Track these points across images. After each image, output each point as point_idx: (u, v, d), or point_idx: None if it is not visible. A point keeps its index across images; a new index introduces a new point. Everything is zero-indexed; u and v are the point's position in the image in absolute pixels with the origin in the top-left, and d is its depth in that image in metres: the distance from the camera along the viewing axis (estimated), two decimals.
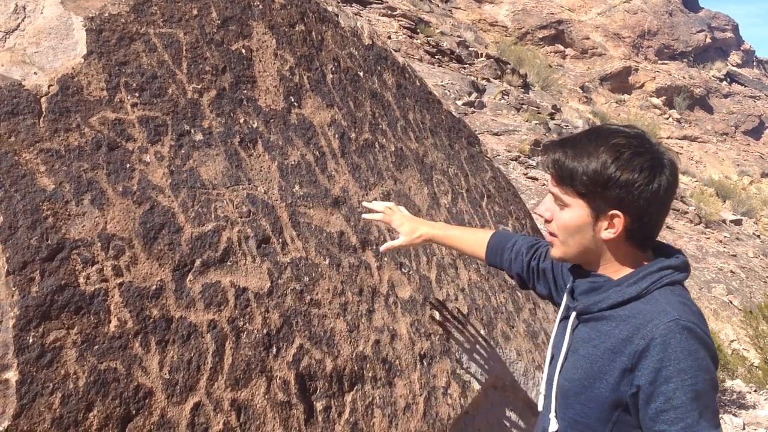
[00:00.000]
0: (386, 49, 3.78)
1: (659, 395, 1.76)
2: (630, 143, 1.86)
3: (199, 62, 2.66)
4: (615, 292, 1.91)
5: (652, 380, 1.77)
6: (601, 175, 1.85)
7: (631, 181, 1.83)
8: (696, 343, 1.77)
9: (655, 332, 1.78)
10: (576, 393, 1.95)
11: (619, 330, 1.86)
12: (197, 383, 2.16)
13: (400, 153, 3.47)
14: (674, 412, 1.75)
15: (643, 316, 1.83)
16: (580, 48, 39.25)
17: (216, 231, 2.38)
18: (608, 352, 1.87)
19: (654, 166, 1.84)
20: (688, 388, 1.75)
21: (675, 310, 1.81)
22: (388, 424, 2.71)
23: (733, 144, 39.94)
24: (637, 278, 1.90)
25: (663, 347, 1.77)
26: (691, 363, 1.75)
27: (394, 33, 24.56)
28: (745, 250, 21.15)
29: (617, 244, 1.93)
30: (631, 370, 1.82)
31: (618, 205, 1.86)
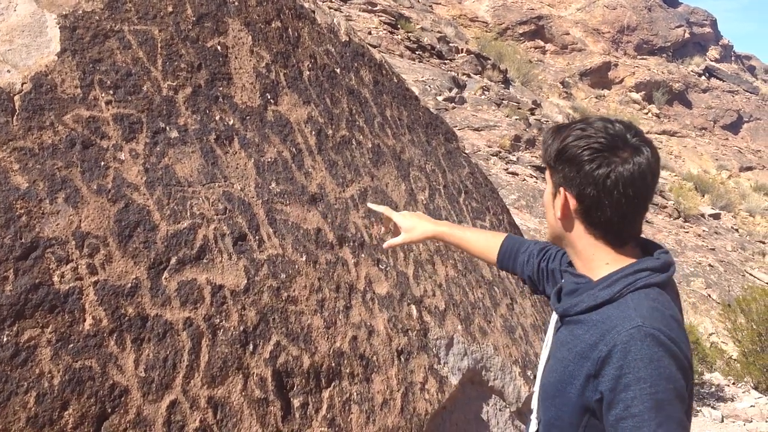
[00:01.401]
0: (363, 46, 3.78)
1: (619, 402, 1.72)
2: (600, 126, 1.85)
3: (174, 59, 2.65)
4: (588, 295, 1.88)
5: (613, 387, 1.73)
6: (557, 149, 1.87)
7: (575, 157, 1.83)
8: (660, 350, 1.73)
9: (617, 339, 1.74)
10: (552, 396, 1.94)
11: (589, 335, 1.83)
12: (173, 381, 2.16)
13: (377, 149, 3.48)
14: (632, 420, 1.70)
15: (610, 321, 1.80)
16: (560, 43, 39.39)
17: (192, 228, 2.38)
18: (578, 356, 1.84)
19: (607, 150, 1.81)
20: (646, 396, 1.70)
21: (640, 316, 1.77)
22: (366, 419, 2.72)
23: (712, 138, 40.24)
24: (610, 281, 1.86)
25: (623, 354, 1.73)
26: (652, 371, 1.71)
27: (375, 29, 24.53)
28: (724, 244, 21.33)
29: (572, 228, 1.92)
30: (595, 376, 1.78)
31: (564, 181, 1.87)
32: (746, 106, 43.62)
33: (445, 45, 27.42)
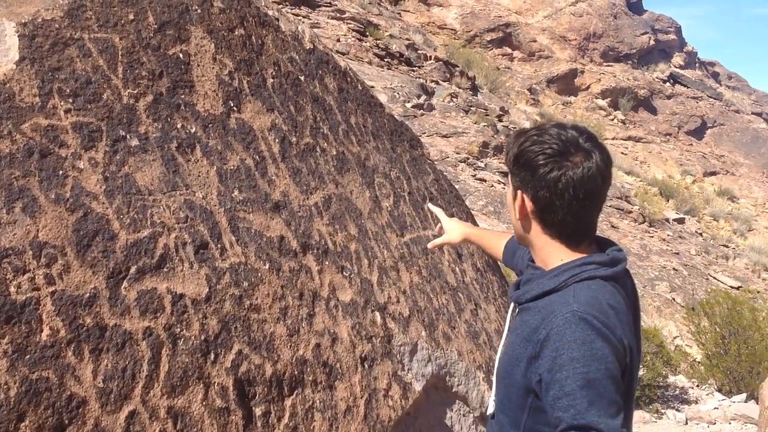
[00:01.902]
0: (328, 53, 3.78)
1: (555, 383, 1.81)
2: (556, 134, 1.95)
3: (135, 67, 2.64)
4: (537, 284, 2.01)
5: (549, 368, 1.82)
6: (515, 154, 2.00)
7: (530, 162, 1.94)
8: (592, 333, 1.82)
9: (555, 323, 1.85)
10: (503, 378, 2.06)
11: (533, 320, 1.94)
12: (132, 391, 2.15)
13: (341, 157, 3.48)
14: (566, 399, 1.78)
15: (551, 307, 1.91)
16: (528, 51, 39.70)
17: (152, 237, 2.37)
18: (523, 340, 1.96)
19: (559, 155, 1.92)
20: (578, 376, 1.78)
21: (577, 302, 1.87)
22: (329, 427, 2.72)
23: (676, 144, 40.77)
24: (558, 272, 1.98)
25: (559, 337, 1.83)
26: (584, 352, 1.79)
27: (343, 36, 24.56)
28: (688, 248, 21.60)
29: (530, 227, 2.04)
30: (536, 358, 1.89)
31: (521, 184, 1.98)
32: (710, 111, 44.28)
33: (413, 52, 27.52)
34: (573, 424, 1.76)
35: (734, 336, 12.15)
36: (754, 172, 41.24)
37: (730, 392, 11.72)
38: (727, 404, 11.09)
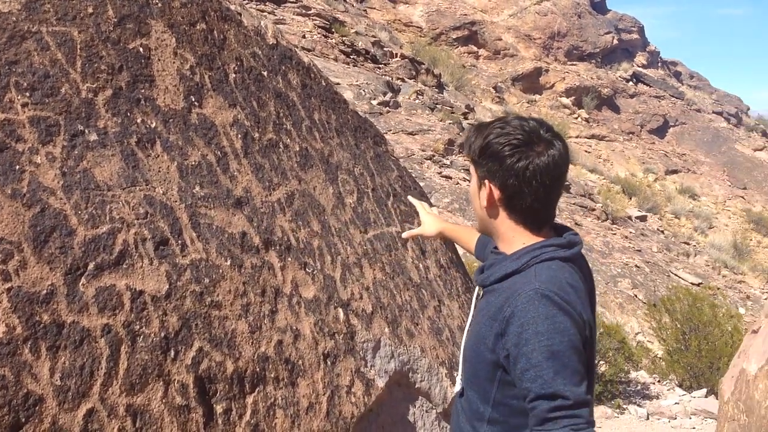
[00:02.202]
0: (291, 49, 3.77)
1: (522, 356, 1.95)
2: (517, 124, 2.11)
3: (94, 61, 2.60)
4: (500, 267, 2.15)
5: (516, 343, 1.96)
6: (479, 146, 2.13)
7: (497, 153, 2.08)
8: (553, 308, 1.96)
9: (518, 301, 1.99)
10: (470, 356, 2.20)
11: (498, 300, 2.09)
12: (90, 389, 2.12)
13: (305, 153, 3.47)
14: (533, 370, 1.92)
15: (515, 287, 2.05)
16: (493, 49, 39.89)
17: (111, 233, 2.34)
18: (489, 319, 2.09)
19: (524, 145, 2.07)
20: (543, 348, 1.92)
21: (539, 281, 2.02)
22: (291, 424, 2.71)
23: (639, 142, 41.26)
24: (519, 254, 2.12)
25: (523, 313, 1.97)
26: (548, 326, 1.94)
27: (309, 32, 24.48)
28: (650, 245, 21.87)
29: (497, 215, 2.18)
30: (502, 335, 2.03)
31: (488, 174, 2.12)
32: (672, 110, 44.86)
33: (379, 49, 27.52)
34: (541, 393, 1.91)
35: (694, 332, 12.33)
36: (714, 170, 41.88)
37: (691, 387, 11.90)
38: (688, 399, 11.25)
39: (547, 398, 1.90)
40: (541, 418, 1.91)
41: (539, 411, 1.92)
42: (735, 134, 46.76)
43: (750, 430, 3.88)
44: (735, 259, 25.51)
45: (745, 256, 27.20)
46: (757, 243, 32.31)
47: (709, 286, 18.68)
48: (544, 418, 1.91)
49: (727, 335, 12.19)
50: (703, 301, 13.10)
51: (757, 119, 52.80)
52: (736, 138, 46.05)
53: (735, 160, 42.95)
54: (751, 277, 24.05)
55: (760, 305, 18.50)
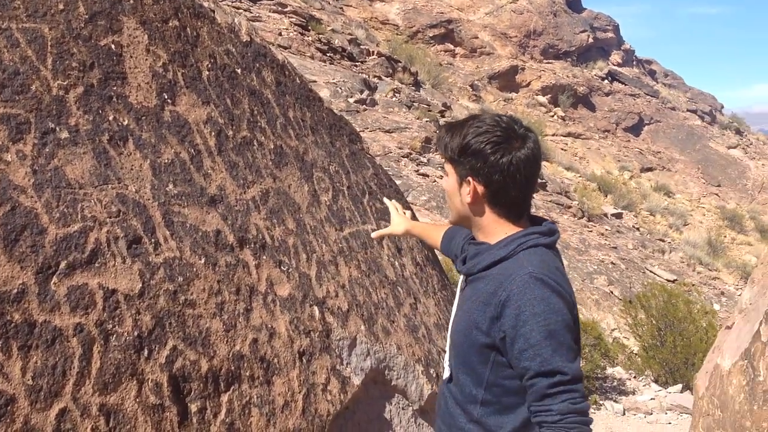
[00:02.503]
0: (265, 46, 3.75)
1: (520, 337, 2.06)
2: (493, 122, 2.21)
3: (65, 58, 2.57)
4: (488, 254, 2.24)
5: (513, 325, 2.07)
6: (460, 145, 2.21)
7: (480, 151, 2.17)
8: (547, 291, 2.09)
9: (514, 284, 2.10)
10: (461, 342, 2.27)
11: (489, 286, 2.18)
12: (63, 389, 2.10)
13: (279, 151, 3.45)
14: (532, 350, 2.04)
15: (507, 272, 2.15)
16: (469, 47, 39.98)
17: (83, 232, 2.32)
18: (481, 305, 2.18)
19: (505, 141, 2.17)
20: (541, 328, 2.04)
21: (531, 265, 2.13)
22: (266, 422, 2.70)
23: (614, 140, 41.52)
24: (506, 242, 2.22)
25: (520, 296, 2.08)
26: (544, 307, 2.06)
27: (285, 30, 24.39)
28: (626, 242, 22.02)
29: (480, 209, 2.27)
30: (498, 318, 2.12)
31: (471, 171, 2.20)
32: (647, 108, 45.18)
33: (356, 47, 27.48)
34: (540, 371, 2.04)
35: (670, 328, 12.42)
36: (689, 168, 42.24)
37: (666, 383, 11.98)
38: (663, 395, 11.33)
39: (546, 375, 2.04)
40: (541, 394, 2.05)
41: (539, 388, 2.05)
42: (709, 132, 47.17)
43: (724, 425, 3.92)
44: (709, 255, 25.74)
45: (720, 253, 27.46)
46: (731, 240, 32.64)
47: (684, 282, 18.84)
48: (544, 394, 2.04)
49: (702, 331, 12.29)
50: (678, 297, 13.20)
51: (730, 117, 53.26)
52: (710, 136, 46.46)
53: (709, 157, 43.35)
54: (726, 273, 24.28)
55: (735, 301, 18.66)
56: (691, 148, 43.89)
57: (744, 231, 35.00)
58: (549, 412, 2.05)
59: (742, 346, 3.90)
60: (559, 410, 2.04)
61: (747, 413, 3.61)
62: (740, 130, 50.04)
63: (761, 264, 4.41)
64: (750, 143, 48.05)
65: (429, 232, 3.13)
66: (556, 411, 2.04)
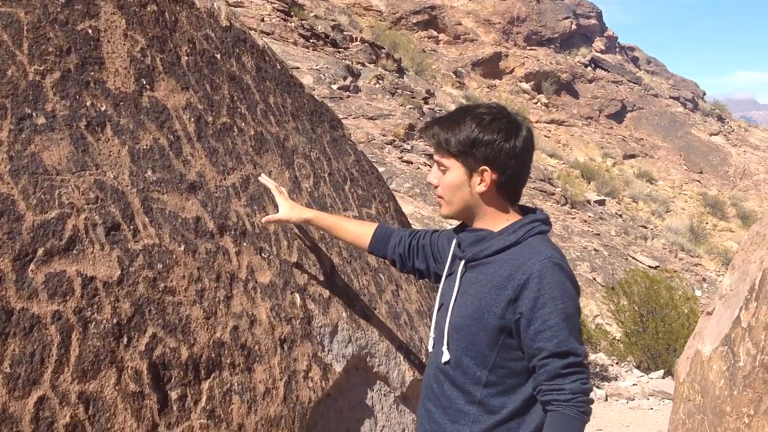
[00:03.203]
0: (245, 32, 3.72)
1: (537, 318, 2.20)
2: (490, 112, 2.33)
3: (41, 43, 2.54)
4: (498, 240, 2.34)
5: (532, 307, 2.20)
6: (469, 138, 2.30)
7: (492, 140, 2.28)
8: (564, 276, 2.24)
9: (533, 268, 2.22)
10: (468, 325, 2.34)
11: (502, 270, 2.29)
12: (41, 376, 2.08)
13: (260, 137, 3.44)
14: (549, 331, 2.19)
15: (522, 257, 2.27)
16: (453, 34, 39.94)
17: (60, 218, 2.29)
18: (494, 288, 2.29)
19: (510, 128, 2.30)
20: (560, 311, 2.19)
21: (547, 250, 2.28)
22: (247, 409, 2.70)
23: (597, 127, 41.67)
24: (515, 228, 2.35)
25: (539, 280, 2.21)
26: (562, 292, 2.21)
27: (268, 16, 24.27)
28: (608, 229, 22.14)
29: (490, 197, 2.37)
30: (515, 301, 2.25)
31: (485, 161, 2.31)
32: (630, 95, 45.37)
33: (339, 33, 27.40)
34: (556, 351, 2.19)
35: (652, 314, 12.52)
36: (671, 154, 42.47)
37: (648, 369, 12.09)
38: (645, 381, 11.43)
39: (560, 356, 2.19)
40: (553, 374, 2.20)
41: (552, 368, 2.20)
42: (691, 119, 47.42)
43: (705, 410, 3.95)
44: (691, 242, 25.94)
45: (701, 240, 27.69)
46: (713, 226, 32.90)
47: (666, 269, 18.98)
48: (557, 374, 2.20)
49: (684, 317, 12.40)
50: (660, 283, 13.31)
51: (713, 104, 53.58)
52: (693, 123, 46.71)
53: (691, 144, 43.59)
54: (707, 260, 24.49)
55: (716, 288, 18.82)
56: (674, 135, 44.12)
57: (725, 218, 35.30)
58: (561, 391, 2.19)
59: (723, 332, 3.93)
60: (571, 389, 2.19)
61: (727, 398, 3.64)
62: (722, 117, 50.36)
63: (742, 250, 4.44)
64: (732, 130, 48.38)
65: (342, 224, 3.12)
66: (569, 390, 2.19)
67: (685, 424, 4.26)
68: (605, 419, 9.69)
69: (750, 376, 3.47)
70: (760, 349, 3.44)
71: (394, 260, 2.97)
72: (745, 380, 3.50)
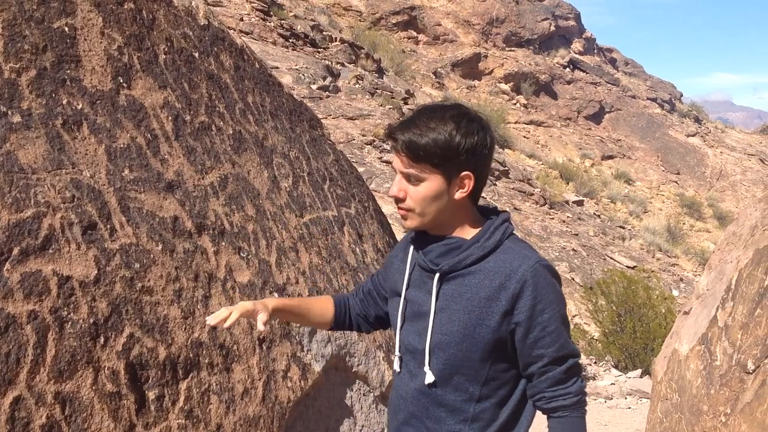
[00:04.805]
0: (223, 30, 3.71)
1: (536, 326, 2.09)
2: (461, 113, 2.14)
3: (17, 40, 2.52)
4: (476, 248, 2.16)
5: (529, 315, 2.09)
6: (450, 144, 2.08)
7: (474, 143, 2.10)
8: (553, 278, 2.15)
9: (526, 276, 2.09)
10: (457, 342, 2.16)
11: (490, 280, 2.12)
12: (17, 377, 2.07)
13: (238, 136, 3.42)
14: (549, 337, 2.10)
15: (509, 264, 2.12)
16: (432, 34, 39.98)
17: (36, 217, 2.27)
18: (484, 300, 2.12)
19: (484, 127, 2.15)
20: (557, 315, 2.12)
21: (532, 254, 2.16)
22: (226, 409, 2.69)
23: (576, 128, 41.86)
24: (489, 233, 2.18)
25: (534, 287, 2.09)
26: (556, 295, 2.13)
27: (247, 15, 24.16)
28: (587, 229, 22.25)
29: (464, 203, 2.18)
30: (510, 312, 2.10)
31: (467, 167, 2.12)
32: (608, 97, 45.59)
33: (318, 33, 27.32)
34: (557, 356, 2.12)
35: (629, 314, 12.58)
36: (649, 155, 42.75)
37: (626, 368, 12.14)
38: (623, 380, 11.48)
39: (560, 361, 2.12)
40: (556, 379, 2.13)
41: (554, 374, 2.13)
42: (668, 120, 47.75)
43: (682, 409, 3.97)
44: (669, 242, 26.11)
45: (679, 240, 27.88)
46: (689, 227, 33.15)
47: (644, 269, 19.08)
48: (559, 380, 2.13)
49: (661, 317, 12.47)
50: (638, 283, 13.37)
51: (689, 105, 53.95)
52: (670, 124, 47.04)
53: (668, 145, 43.90)
54: (684, 260, 24.67)
55: (693, 288, 18.96)
56: (651, 136, 44.41)
57: (702, 218, 35.58)
58: (567, 395, 2.14)
59: (700, 331, 3.96)
60: (575, 392, 2.15)
61: (704, 397, 3.66)
62: (699, 119, 50.74)
63: (718, 250, 4.48)
64: (708, 131, 48.76)
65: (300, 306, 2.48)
66: (573, 393, 2.14)
67: (663, 423, 4.29)
68: None
69: (727, 375, 3.49)
70: (736, 348, 3.47)
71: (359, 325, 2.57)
72: (722, 379, 3.53)
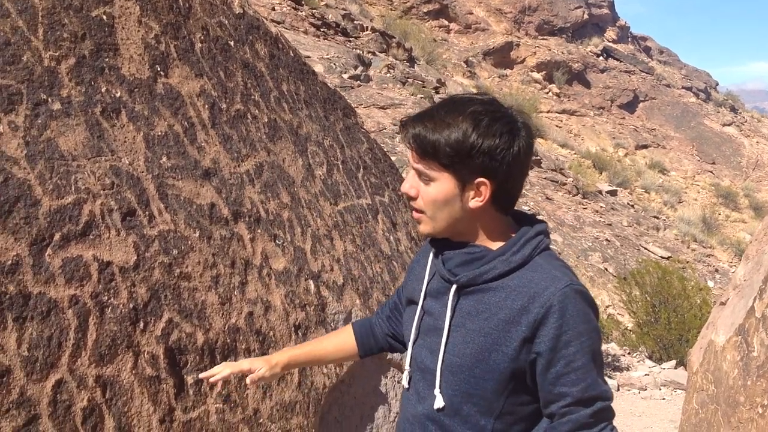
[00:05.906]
0: (258, 19, 3.72)
1: (560, 359, 1.80)
2: (486, 110, 1.84)
3: (56, 29, 2.55)
4: (500, 261, 1.88)
5: (553, 346, 1.80)
6: (463, 144, 1.80)
7: (493, 147, 1.80)
8: (587, 306, 1.83)
9: (553, 300, 1.80)
10: (469, 367, 1.90)
11: (512, 300, 1.84)
12: (59, 360, 2.10)
13: (273, 124, 3.44)
14: (574, 374, 1.80)
15: (535, 284, 1.83)
16: (464, 23, 39.79)
17: (77, 204, 2.30)
18: (502, 323, 1.85)
19: (512, 129, 1.83)
20: (587, 349, 1.81)
21: (564, 275, 1.85)
22: (262, 395, 2.71)
23: (609, 117, 41.48)
24: (518, 246, 1.89)
25: (561, 314, 1.79)
26: (587, 326, 1.81)
27: (278, 4, 24.23)
28: (620, 219, 22.07)
29: (484, 211, 1.89)
30: (530, 339, 1.82)
31: (483, 173, 1.83)
32: (642, 85, 45.10)
33: (350, 22, 27.32)
34: (582, 398, 1.81)
35: (664, 305, 12.47)
36: (683, 145, 42.25)
37: (660, 359, 12.05)
38: (658, 371, 11.40)
39: (586, 403, 1.83)
40: (579, 424, 1.83)
41: (577, 417, 1.83)
42: (704, 109, 47.14)
43: (718, 400, 3.94)
44: (704, 233, 25.82)
45: (714, 230, 27.55)
46: (725, 217, 32.76)
47: (678, 259, 18.91)
48: (583, 425, 1.83)
49: (696, 308, 12.35)
50: (673, 274, 13.25)
51: (725, 94, 53.24)
52: (705, 113, 46.44)
53: (704, 135, 43.36)
54: (720, 250, 24.39)
55: (728, 278, 18.75)
56: (686, 125, 43.88)
57: (738, 208, 35.12)
58: None
59: (737, 322, 3.91)
60: None
61: (741, 388, 3.63)
62: (735, 108, 50.03)
63: (755, 240, 4.42)
64: (744, 121, 48.07)
65: (312, 348, 2.36)
66: None
67: (698, 414, 4.25)
68: (617, 409, 9.63)
69: (764, 366, 3.45)
70: None
71: (391, 346, 2.34)
72: (759, 370, 3.49)
